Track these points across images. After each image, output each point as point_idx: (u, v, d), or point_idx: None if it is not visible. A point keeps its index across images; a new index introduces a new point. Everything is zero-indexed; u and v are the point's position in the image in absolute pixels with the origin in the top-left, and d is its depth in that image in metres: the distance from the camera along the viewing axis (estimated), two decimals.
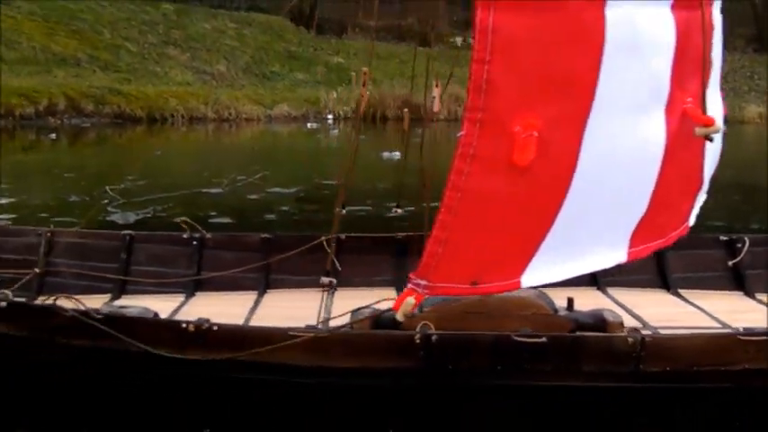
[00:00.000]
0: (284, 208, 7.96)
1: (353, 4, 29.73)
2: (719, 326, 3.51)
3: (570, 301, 3.24)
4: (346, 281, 4.20)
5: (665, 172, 2.77)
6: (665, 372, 2.91)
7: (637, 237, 2.93)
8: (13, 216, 6.87)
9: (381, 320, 3.10)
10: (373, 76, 24.72)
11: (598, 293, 4.11)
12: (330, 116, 21.18)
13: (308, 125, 19.62)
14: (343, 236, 4.29)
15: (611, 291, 4.14)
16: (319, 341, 2.88)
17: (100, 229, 4.67)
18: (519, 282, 2.81)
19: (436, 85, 3.63)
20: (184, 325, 2.90)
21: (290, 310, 3.78)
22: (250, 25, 27.39)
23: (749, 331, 2.96)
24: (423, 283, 2.63)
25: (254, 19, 28.07)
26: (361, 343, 2.93)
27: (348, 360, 2.89)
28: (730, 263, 4.25)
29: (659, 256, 4.16)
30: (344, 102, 21.49)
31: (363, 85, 3.41)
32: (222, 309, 3.46)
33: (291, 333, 2.89)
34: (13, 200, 7.83)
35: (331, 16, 29.91)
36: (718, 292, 4.14)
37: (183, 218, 4.31)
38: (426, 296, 2.88)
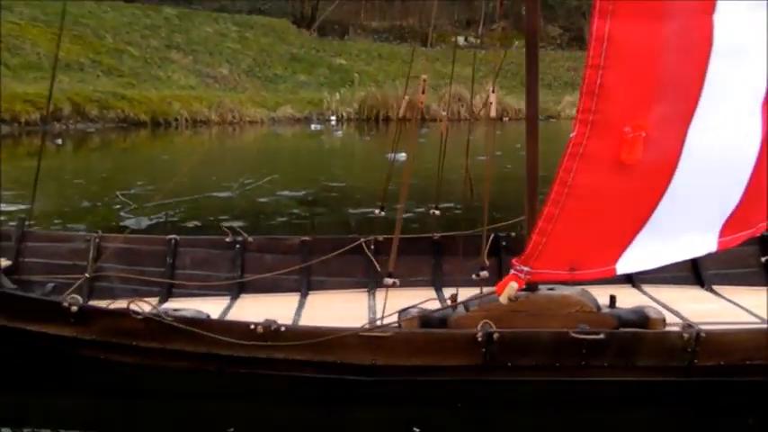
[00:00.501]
0: (295, 211, 7.96)
1: (355, 5, 29.81)
2: (759, 320, 3.59)
3: (612, 298, 3.33)
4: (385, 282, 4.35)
5: (759, 166, 2.95)
6: (719, 366, 3.04)
7: (727, 227, 3.10)
8: (29, 224, 6.88)
9: (429, 320, 3.24)
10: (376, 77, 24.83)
11: (634, 291, 4.21)
12: (333, 118, 21.20)
13: (312, 127, 19.64)
14: (380, 237, 4.42)
15: (646, 288, 4.25)
16: (385, 340, 3.02)
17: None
18: (614, 269, 3.01)
19: (492, 91, 3.76)
20: (253, 326, 3.04)
21: (336, 311, 3.90)
22: (252, 28, 27.44)
23: None
24: (525, 269, 2.86)
25: (255, 22, 28.12)
26: (426, 341, 3.06)
27: (412, 358, 3.04)
28: (763, 259, 4.33)
29: None
30: (347, 103, 21.51)
31: (423, 92, 3.57)
32: (268, 310, 3.52)
33: (360, 333, 3.05)
34: (25, 207, 7.86)
35: (332, 18, 29.95)
36: (752, 288, 4.18)
37: (228, 225, 4.47)
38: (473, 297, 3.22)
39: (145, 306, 3.17)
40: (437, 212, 4.59)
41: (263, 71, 24.82)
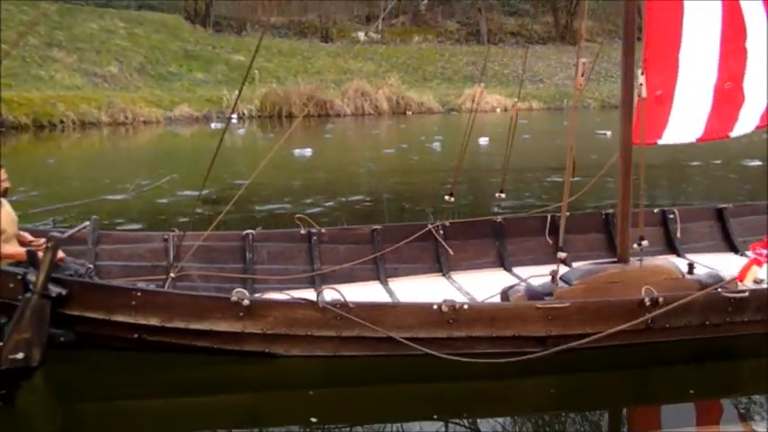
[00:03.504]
0: (197, 210, 7.51)
1: (251, 1, 29.01)
2: None
3: (691, 266, 3.80)
4: (455, 264, 4.57)
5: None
6: None
7: None
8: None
9: (536, 294, 3.51)
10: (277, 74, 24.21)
11: (680, 260, 4.64)
12: (234, 115, 20.44)
13: (212, 125, 18.83)
14: (447, 222, 4.68)
15: (690, 256, 4.81)
16: (559, 311, 3.30)
17: None
18: None
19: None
20: (436, 306, 3.25)
21: (426, 294, 3.86)
22: (142, 24, 26.07)
23: None
24: (765, 252, 3.25)
25: (145, 18, 26.75)
26: (597, 309, 3.32)
27: (584, 326, 3.29)
28: None
29: (724, 223, 5.10)
30: (248, 100, 20.80)
31: (581, 75, 3.75)
32: (365, 299, 3.53)
33: (538, 306, 3.31)
34: None
35: (228, 13, 28.98)
36: None
37: (299, 215, 4.52)
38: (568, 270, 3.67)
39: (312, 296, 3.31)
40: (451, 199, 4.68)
41: (156, 69, 23.63)
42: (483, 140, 13.32)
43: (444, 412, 3.04)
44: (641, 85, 3.47)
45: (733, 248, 5.03)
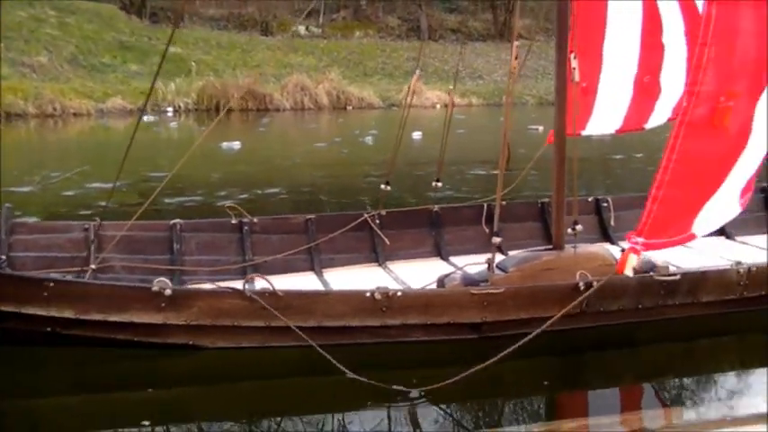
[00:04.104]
0: (101, 202, 7.41)
1: None
2: None
3: (623, 251, 3.83)
4: (391, 254, 4.51)
5: None
6: (764, 296, 3.67)
7: (745, 190, 3.68)
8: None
9: (472, 282, 3.51)
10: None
11: (614, 247, 4.70)
12: (170, 108, 19.93)
13: (145, 118, 18.30)
14: (383, 212, 4.59)
15: (624, 243, 4.92)
16: (494, 297, 3.29)
17: None
18: (694, 234, 3.31)
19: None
20: (369, 294, 3.18)
21: (361, 284, 3.74)
22: (74, 13, 25.12)
23: None
24: (641, 240, 3.08)
25: (78, 7, 25.78)
26: (532, 294, 3.34)
27: (519, 311, 3.32)
28: None
29: None
30: (185, 93, 20.30)
31: (515, 58, 3.73)
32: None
33: (473, 292, 3.30)
34: None
35: (165, 4, 28.23)
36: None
37: (230, 204, 4.37)
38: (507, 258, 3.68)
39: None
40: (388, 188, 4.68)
41: (89, 60, 22.82)
42: (416, 135, 13.36)
43: (379, 401, 2.98)
44: (575, 69, 3.50)
45: (723, 233, 5.14)
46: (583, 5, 3.84)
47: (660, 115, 4.81)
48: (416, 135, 13.31)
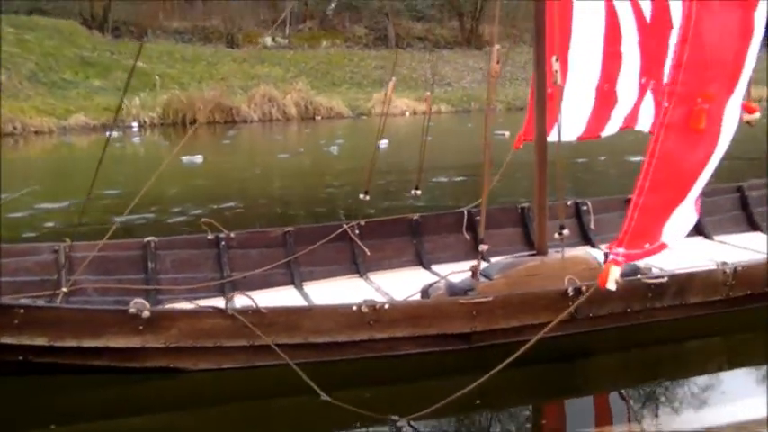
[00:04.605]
0: (49, 223, 7.33)
1: (153, 5, 27.99)
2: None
3: (606, 255, 3.62)
4: (372, 265, 4.43)
5: None
6: (750, 295, 3.68)
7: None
8: None
9: (456, 290, 3.44)
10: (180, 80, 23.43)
11: (595, 250, 4.73)
12: (135, 123, 19.59)
13: (107, 134, 17.97)
14: (362, 222, 4.53)
15: (604, 246, 4.73)
16: (483, 305, 3.23)
17: None
18: (664, 243, 3.22)
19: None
20: (355, 307, 3.10)
21: (343, 297, 3.62)
22: (33, 30, 24.60)
23: None
24: (621, 251, 3.04)
25: (36, 23, 25.27)
26: (522, 302, 3.28)
27: (509, 320, 3.28)
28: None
29: None
30: (150, 108, 19.99)
31: (497, 62, 3.71)
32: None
33: (462, 302, 3.24)
34: None
35: (128, 18, 27.82)
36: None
37: (205, 219, 4.28)
38: (491, 264, 3.62)
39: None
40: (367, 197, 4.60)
41: (49, 76, 22.35)
42: (383, 143, 13.34)
43: (368, 418, 2.88)
44: (556, 71, 3.44)
45: (701, 233, 5.20)
46: (549, 6, 3.79)
47: (614, 124, 4.85)
48: (383, 144, 13.27)
